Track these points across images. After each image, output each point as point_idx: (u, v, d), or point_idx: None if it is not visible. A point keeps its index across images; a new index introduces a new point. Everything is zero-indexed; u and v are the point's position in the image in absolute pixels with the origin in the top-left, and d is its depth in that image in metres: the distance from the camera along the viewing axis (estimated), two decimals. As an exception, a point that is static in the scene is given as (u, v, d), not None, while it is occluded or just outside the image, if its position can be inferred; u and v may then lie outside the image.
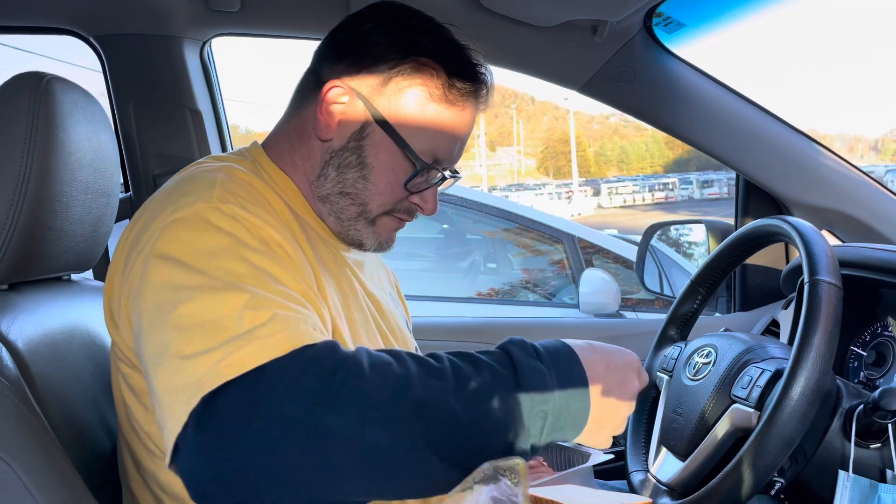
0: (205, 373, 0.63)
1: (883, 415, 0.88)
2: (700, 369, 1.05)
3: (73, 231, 0.92)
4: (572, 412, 0.71)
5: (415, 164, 0.87)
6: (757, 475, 0.84)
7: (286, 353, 0.64)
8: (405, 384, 0.65)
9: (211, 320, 0.66)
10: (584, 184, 46.80)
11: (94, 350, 0.96)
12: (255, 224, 0.75)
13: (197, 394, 0.62)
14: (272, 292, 0.69)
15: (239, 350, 0.63)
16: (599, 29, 1.38)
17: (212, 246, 0.71)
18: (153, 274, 0.71)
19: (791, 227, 0.97)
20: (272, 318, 0.66)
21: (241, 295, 0.67)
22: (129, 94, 1.59)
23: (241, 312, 0.66)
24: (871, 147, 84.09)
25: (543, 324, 2.01)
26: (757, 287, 1.68)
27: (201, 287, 0.68)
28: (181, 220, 0.73)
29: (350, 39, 0.90)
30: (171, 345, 0.66)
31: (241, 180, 0.81)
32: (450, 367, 0.68)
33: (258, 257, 0.72)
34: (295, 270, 0.75)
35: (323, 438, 0.61)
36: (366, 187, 0.89)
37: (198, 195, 0.76)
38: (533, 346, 0.73)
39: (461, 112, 0.89)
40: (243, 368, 0.63)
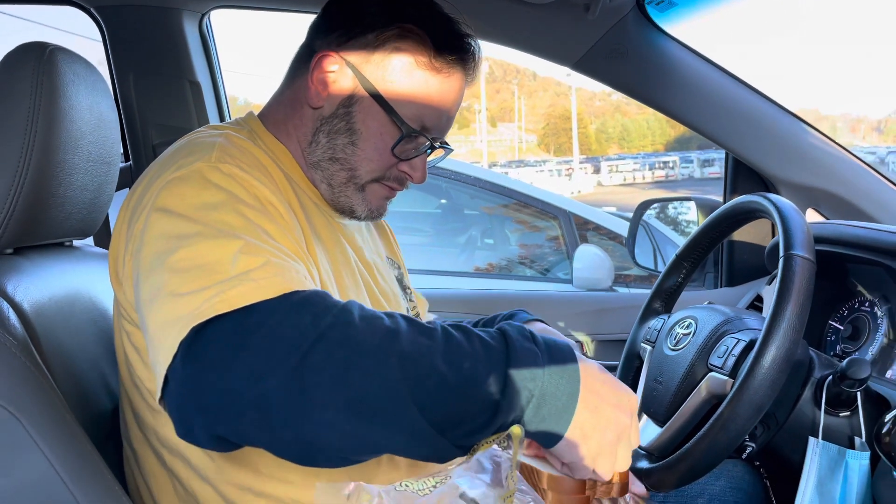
0: (197, 306, 0.65)
1: (850, 384, 0.92)
2: (680, 340, 1.08)
3: (75, 198, 0.95)
4: (558, 402, 0.67)
5: (401, 130, 0.90)
6: (728, 439, 0.88)
7: (278, 294, 0.66)
8: (393, 336, 0.65)
9: (207, 263, 0.68)
10: (585, 161, 46.58)
11: (95, 313, 1.00)
12: (251, 183, 0.78)
13: (187, 325, 0.64)
14: (266, 243, 0.71)
15: (232, 289, 0.65)
16: (592, 6, 1.39)
17: (209, 200, 0.74)
18: (154, 226, 0.74)
19: (770, 203, 1.00)
20: (266, 263, 0.68)
21: (236, 242, 0.69)
22: (130, 65, 1.61)
23: (236, 257, 0.68)
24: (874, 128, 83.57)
25: (536, 297, 2.04)
26: (743, 263, 1.71)
27: (198, 234, 0.70)
28: (181, 178, 0.76)
29: (341, 10, 0.93)
30: (167, 285, 0.68)
31: (239, 145, 0.84)
32: (441, 330, 0.68)
33: (253, 213, 0.74)
34: (287, 230, 0.78)
35: (307, 377, 0.62)
36: (354, 153, 0.91)
37: (198, 156, 0.79)
38: (531, 332, 0.71)
39: (448, 80, 0.91)
40: (234, 305, 0.64)
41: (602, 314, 1.81)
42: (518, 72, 77.30)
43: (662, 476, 0.95)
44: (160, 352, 0.66)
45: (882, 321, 1.19)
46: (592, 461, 0.70)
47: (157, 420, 0.82)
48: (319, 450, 0.65)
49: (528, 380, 0.67)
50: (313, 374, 0.62)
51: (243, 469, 0.80)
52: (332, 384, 0.62)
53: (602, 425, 0.69)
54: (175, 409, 0.66)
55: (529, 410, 0.67)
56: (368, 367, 0.63)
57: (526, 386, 0.67)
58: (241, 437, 0.65)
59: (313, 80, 0.91)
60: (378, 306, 0.98)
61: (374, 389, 0.63)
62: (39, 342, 0.83)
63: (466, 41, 0.92)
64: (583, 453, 0.69)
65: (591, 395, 0.69)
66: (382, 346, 0.64)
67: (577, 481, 0.80)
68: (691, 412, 1.01)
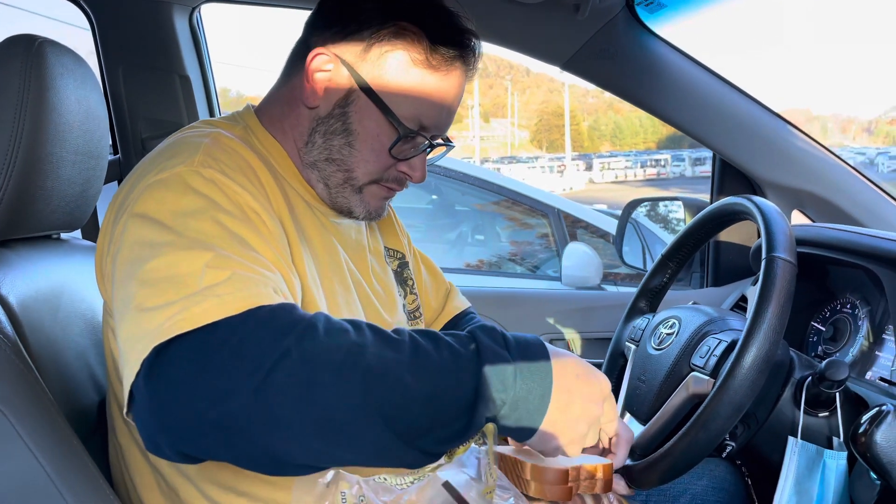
0: (160, 324, 0.64)
1: (829, 385, 0.93)
2: (664, 339, 1.10)
3: (63, 191, 0.95)
4: (530, 405, 0.68)
5: (398, 131, 0.88)
6: (709, 438, 0.88)
7: (241, 311, 0.64)
8: (358, 351, 0.64)
9: (174, 276, 0.67)
10: (577, 158, 46.68)
11: (82, 306, 1.00)
12: (233, 189, 0.76)
13: (150, 343, 0.63)
14: (238, 254, 0.70)
15: (196, 305, 0.64)
16: (582, 7, 1.40)
17: (187, 207, 0.73)
18: (131, 231, 0.73)
19: (754, 205, 1.01)
20: (230, 277, 0.67)
21: (206, 253, 0.68)
22: (119, 58, 1.60)
23: (204, 270, 0.67)
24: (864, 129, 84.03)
25: (526, 294, 2.05)
26: (729, 264, 1.73)
27: (171, 244, 0.69)
28: (161, 182, 0.75)
29: (336, 6, 0.90)
30: (135, 298, 0.67)
31: (226, 147, 0.82)
32: (408, 341, 0.67)
33: (232, 221, 0.73)
34: (268, 238, 0.77)
35: (271, 396, 0.61)
36: (351, 154, 0.90)
37: (181, 159, 0.78)
38: (502, 335, 0.71)
39: (446, 77, 0.89)
40: (197, 323, 0.63)
41: (590, 312, 1.82)
42: (511, 68, 77.25)
43: (644, 474, 0.96)
44: (126, 366, 0.66)
45: (862, 323, 1.20)
46: (563, 449, 0.73)
47: None
48: (286, 464, 0.64)
49: (499, 388, 0.67)
50: (277, 393, 0.61)
51: (225, 468, 0.80)
52: (296, 403, 0.61)
53: (573, 420, 0.71)
54: (141, 427, 0.65)
55: (500, 419, 0.68)
56: (332, 385, 0.62)
57: (498, 395, 0.67)
58: (206, 454, 0.65)
59: (309, 79, 0.89)
60: (369, 307, 0.97)
61: (340, 407, 0.62)
62: (26, 335, 0.84)
63: (465, 37, 0.90)
64: (554, 444, 0.72)
65: (562, 394, 0.70)
66: (347, 362, 0.63)
67: (560, 472, 0.81)
68: (673, 411, 1.02)
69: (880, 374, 1.13)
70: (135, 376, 0.64)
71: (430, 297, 1.19)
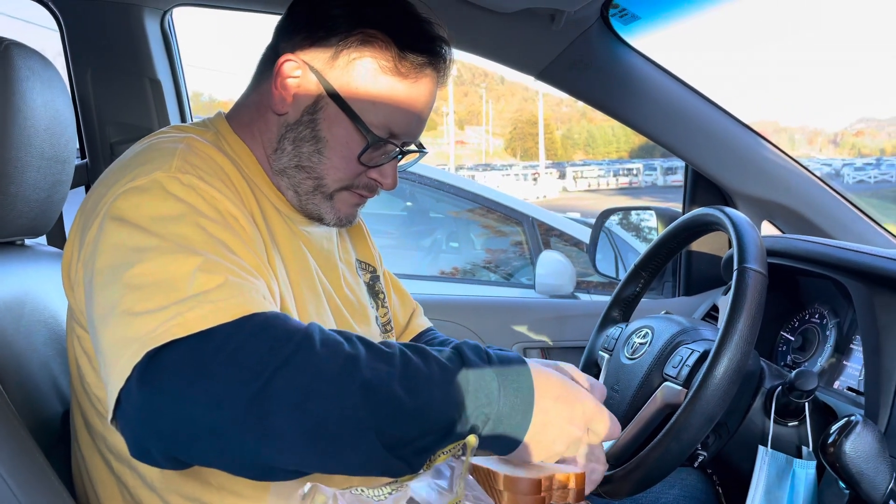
0: (153, 329, 0.63)
1: (798, 394, 0.94)
2: (637, 349, 1.10)
3: (28, 196, 0.93)
4: (513, 423, 0.70)
5: (367, 138, 0.87)
6: (681, 447, 0.89)
7: (237, 317, 0.64)
8: (354, 362, 0.65)
9: (163, 280, 0.66)
10: (551, 166, 47.06)
11: (46, 314, 0.97)
12: (212, 195, 0.76)
13: (142, 348, 0.62)
14: (225, 259, 0.70)
15: (190, 311, 0.64)
16: (557, 17, 1.41)
17: (168, 212, 0.72)
18: (108, 235, 0.71)
19: (725, 216, 1.02)
20: (224, 282, 0.66)
21: (195, 258, 0.68)
22: (88, 61, 1.57)
23: (194, 274, 0.66)
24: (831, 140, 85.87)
25: (499, 302, 2.06)
26: (701, 273, 1.75)
27: (156, 249, 0.68)
28: (139, 188, 0.74)
29: (305, 12, 0.89)
30: (122, 302, 0.66)
31: (201, 152, 0.81)
32: (399, 354, 0.68)
33: (214, 226, 0.72)
34: (249, 243, 0.76)
35: (266, 404, 0.61)
36: (321, 161, 0.89)
37: (157, 164, 0.76)
38: (486, 352, 0.73)
39: (415, 85, 0.88)
40: (192, 329, 0.63)
41: (563, 321, 1.83)
42: (486, 75, 77.63)
43: (617, 484, 0.96)
44: (113, 371, 0.65)
45: (831, 333, 1.22)
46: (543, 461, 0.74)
47: (106, 427, 0.80)
48: (275, 470, 0.65)
49: (483, 404, 0.69)
50: (273, 402, 0.61)
51: (192, 480, 0.78)
52: (292, 412, 0.62)
53: (549, 441, 0.73)
54: (130, 432, 0.64)
55: (483, 431, 0.70)
56: (330, 395, 0.63)
57: (482, 410, 0.69)
58: (197, 460, 0.65)
59: (277, 86, 0.88)
60: (339, 318, 0.96)
61: (335, 417, 0.63)
62: (-14, 344, 0.81)
63: (435, 44, 0.89)
64: (533, 459, 0.73)
65: (539, 415, 0.71)
66: (344, 373, 0.64)
67: (533, 482, 0.81)
68: (646, 421, 1.02)
69: (848, 384, 1.15)
70: (125, 381, 0.63)
71: (399, 315, 1.19)
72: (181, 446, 0.63)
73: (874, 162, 41.91)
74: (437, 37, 0.90)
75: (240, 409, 0.61)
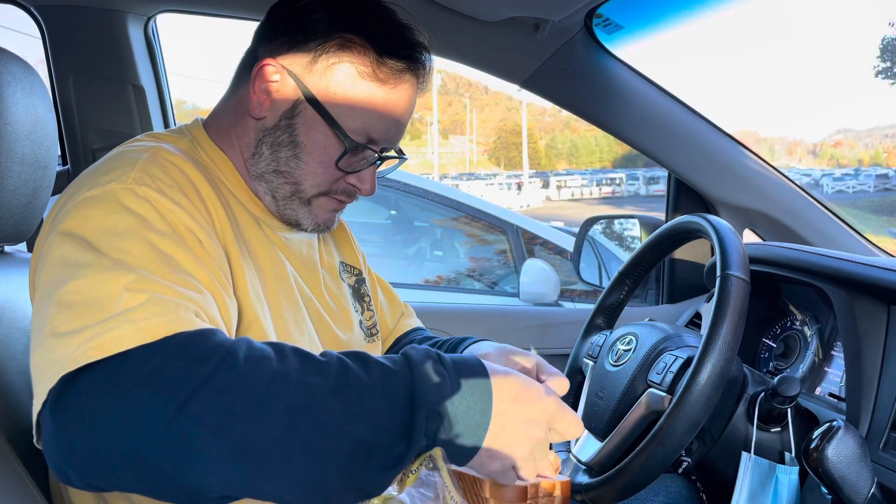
0: (70, 352, 0.61)
1: (781, 400, 0.95)
2: (621, 356, 1.10)
3: (8, 202, 0.92)
4: (471, 423, 0.66)
5: (345, 144, 0.87)
6: (665, 453, 0.89)
7: (157, 338, 0.61)
8: (281, 380, 0.61)
9: (92, 299, 0.64)
10: (534, 175, 47.27)
11: (25, 322, 0.96)
12: (167, 208, 0.74)
13: (58, 372, 0.60)
14: (164, 276, 0.67)
15: (109, 332, 0.61)
16: (541, 27, 1.42)
17: (117, 226, 0.70)
18: (54, 249, 0.70)
19: (709, 224, 1.03)
20: (147, 300, 0.64)
21: (128, 275, 0.65)
22: (70, 67, 1.56)
23: (122, 293, 0.64)
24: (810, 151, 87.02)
25: (483, 310, 2.05)
26: (684, 281, 1.76)
27: (92, 265, 0.66)
28: (93, 198, 0.73)
29: (284, 16, 0.89)
30: (50, 321, 0.64)
31: (164, 163, 0.79)
32: (336, 363, 0.65)
33: (162, 240, 0.71)
34: (201, 257, 0.74)
35: (185, 428, 0.58)
36: (298, 166, 0.88)
37: (115, 175, 0.75)
38: (436, 353, 0.69)
39: (394, 90, 0.88)
40: (108, 351, 0.60)
41: (547, 328, 1.83)
42: (470, 85, 77.96)
43: (602, 491, 0.96)
44: (35, 394, 0.63)
45: (812, 340, 1.23)
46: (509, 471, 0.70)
47: None
48: (202, 496, 0.61)
49: (435, 403, 0.64)
50: (191, 425, 0.58)
51: None
52: (212, 434, 0.59)
53: (510, 443, 0.68)
54: (48, 458, 0.61)
55: (441, 434, 0.65)
56: (253, 417, 0.60)
57: (434, 410, 0.64)
58: (116, 486, 0.61)
59: (255, 90, 0.87)
60: (320, 324, 0.95)
61: (260, 438, 0.59)
62: (-36, 352, 0.80)
63: (414, 50, 0.89)
64: (496, 467, 0.69)
65: (497, 418, 0.67)
66: (269, 392, 0.61)
67: (519, 490, 0.81)
68: (630, 427, 1.02)
69: (829, 390, 1.16)
70: (41, 406, 0.61)
71: (387, 318, 1.18)
72: (96, 473, 0.60)
73: (852, 172, 42.57)
74: (416, 42, 0.90)
75: (157, 432, 0.58)
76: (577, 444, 1.12)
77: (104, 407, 0.59)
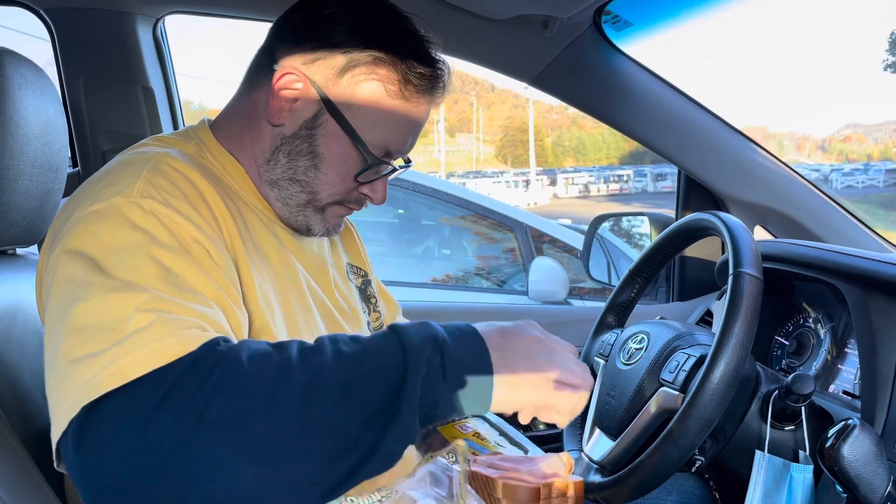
0: (87, 380, 0.62)
1: (795, 399, 0.94)
2: (633, 354, 1.10)
3: (20, 205, 0.92)
4: (473, 363, 0.70)
5: (366, 158, 0.87)
6: (679, 452, 0.89)
7: (169, 361, 0.62)
8: (286, 368, 0.64)
9: (102, 322, 0.65)
10: (541, 173, 47.22)
11: (38, 324, 0.96)
12: (174, 220, 0.74)
13: (78, 403, 0.61)
14: (172, 293, 0.68)
15: (124, 356, 0.62)
16: (550, 24, 1.41)
17: (124, 243, 0.70)
18: (61, 268, 0.71)
19: (720, 221, 1.02)
20: (155, 320, 0.65)
21: (136, 296, 0.66)
22: (79, 69, 1.57)
23: (132, 314, 0.65)
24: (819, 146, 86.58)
25: (492, 309, 2.05)
26: (694, 279, 1.75)
27: (101, 286, 0.67)
28: (98, 213, 0.72)
29: (307, 23, 0.87)
30: (63, 346, 0.65)
31: (169, 172, 0.78)
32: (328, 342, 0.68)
33: (169, 256, 0.71)
34: (209, 269, 0.74)
35: (207, 435, 0.60)
36: (316, 176, 0.88)
37: (119, 187, 0.75)
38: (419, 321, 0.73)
39: (416, 107, 0.89)
40: (125, 378, 0.61)
41: (557, 327, 1.83)
42: (476, 83, 77.85)
43: (614, 490, 0.96)
44: (54, 421, 0.64)
45: (825, 337, 1.22)
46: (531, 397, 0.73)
47: None
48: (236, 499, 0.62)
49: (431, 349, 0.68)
50: (212, 432, 0.60)
51: None
52: (234, 436, 0.61)
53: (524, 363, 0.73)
54: (76, 483, 0.62)
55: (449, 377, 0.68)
56: (269, 409, 0.62)
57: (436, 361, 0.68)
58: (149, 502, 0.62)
59: (275, 97, 0.86)
60: (332, 323, 0.95)
61: (280, 427, 0.62)
62: (-22, 355, 0.81)
63: (437, 66, 0.89)
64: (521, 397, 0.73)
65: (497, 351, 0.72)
66: (277, 381, 0.63)
67: (532, 490, 0.81)
68: (643, 426, 1.02)
69: (843, 388, 1.15)
70: (62, 434, 0.62)
71: (387, 321, 1.18)
72: (127, 496, 0.61)
73: (862, 167, 42.30)
74: (438, 59, 0.90)
75: (181, 447, 0.59)
76: (588, 444, 1.11)
77: (127, 432, 0.60)
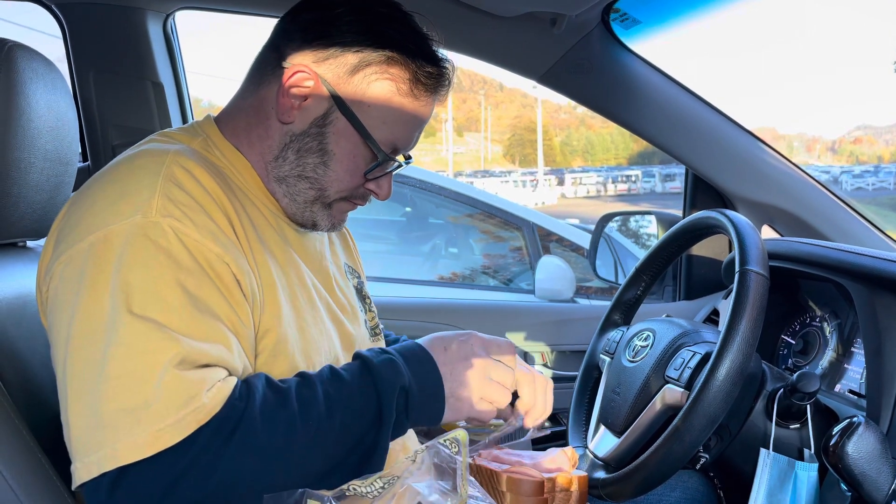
0: (120, 438, 0.67)
1: (800, 397, 0.94)
2: (638, 351, 1.10)
3: (30, 198, 0.93)
4: (429, 385, 0.81)
5: (376, 155, 0.88)
6: (683, 450, 0.89)
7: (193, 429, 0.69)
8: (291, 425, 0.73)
9: (132, 371, 0.69)
10: (549, 173, 47.10)
11: (48, 316, 0.97)
12: (194, 239, 0.75)
13: (112, 462, 0.67)
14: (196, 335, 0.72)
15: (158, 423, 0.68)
16: (558, 21, 1.41)
17: (149, 271, 0.72)
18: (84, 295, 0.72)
19: (727, 219, 1.02)
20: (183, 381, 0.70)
21: (168, 348, 0.70)
22: (90, 64, 1.58)
23: (163, 373, 0.69)
24: (829, 148, 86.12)
25: (499, 307, 2.05)
26: (701, 277, 1.75)
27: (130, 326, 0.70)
28: (119, 234, 0.73)
29: (316, 21, 0.88)
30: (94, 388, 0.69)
31: (184, 179, 0.78)
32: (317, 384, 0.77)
33: (192, 280, 0.73)
34: (228, 291, 0.77)
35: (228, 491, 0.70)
36: (325, 173, 0.89)
37: (136, 204, 0.75)
38: (379, 348, 0.84)
39: (423, 105, 0.90)
40: (157, 448, 0.68)
41: (563, 325, 1.83)
42: (485, 82, 77.78)
43: (619, 486, 0.96)
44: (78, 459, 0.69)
45: (831, 336, 1.22)
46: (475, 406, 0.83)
47: None
48: None
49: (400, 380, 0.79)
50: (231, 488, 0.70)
51: None
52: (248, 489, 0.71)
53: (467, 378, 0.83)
54: None
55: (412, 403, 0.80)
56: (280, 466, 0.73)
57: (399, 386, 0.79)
58: None
59: (286, 94, 0.86)
60: (335, 321, 0.96)
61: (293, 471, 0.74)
62: (-11, 344, 0.81)
63: (442, 65, 0.91)
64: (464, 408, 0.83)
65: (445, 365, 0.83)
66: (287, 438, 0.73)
67: (536, 483, 0.81)
68: (648, 423, 1.02)
69: (849, 387, 1.15)
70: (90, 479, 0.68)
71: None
72: None
73: (872, 169, 42.02)
74: (443, 58, 0.92)
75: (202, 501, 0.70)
76: (593, 441, 1.12)
77: (158, 491, 0.68)
